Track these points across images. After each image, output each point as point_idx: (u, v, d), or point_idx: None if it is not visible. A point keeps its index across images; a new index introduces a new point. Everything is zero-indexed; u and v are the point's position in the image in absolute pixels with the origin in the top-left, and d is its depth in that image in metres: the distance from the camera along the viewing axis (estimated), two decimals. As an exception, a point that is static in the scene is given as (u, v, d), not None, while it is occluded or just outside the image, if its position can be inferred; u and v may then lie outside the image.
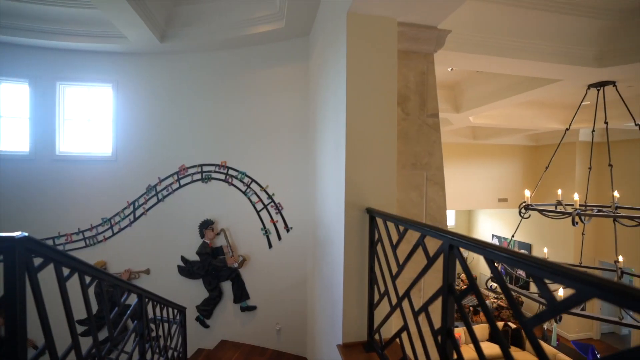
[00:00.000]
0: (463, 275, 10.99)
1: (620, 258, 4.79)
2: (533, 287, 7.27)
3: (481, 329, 7.73)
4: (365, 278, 1.91)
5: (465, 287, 1.01)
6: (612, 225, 3.96)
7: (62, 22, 3.64)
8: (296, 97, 3.80)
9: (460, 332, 7.46)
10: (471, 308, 9.02)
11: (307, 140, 3.74)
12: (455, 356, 1.09)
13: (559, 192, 4.49)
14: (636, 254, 7.46)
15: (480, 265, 11.28)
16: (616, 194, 4.04)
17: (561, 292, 3.84)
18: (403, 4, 1.82)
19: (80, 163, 4.02)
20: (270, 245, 3.95)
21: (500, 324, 7.74)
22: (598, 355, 6.72)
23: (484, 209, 9.71)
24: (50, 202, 3.95)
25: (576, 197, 4.14)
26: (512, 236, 4.97)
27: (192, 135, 4.09)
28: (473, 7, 2.41)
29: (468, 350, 6.93)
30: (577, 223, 3.85)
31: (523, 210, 4.39)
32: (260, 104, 3.93)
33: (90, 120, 4.19)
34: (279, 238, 3.91)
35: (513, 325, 7.76)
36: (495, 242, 10.77)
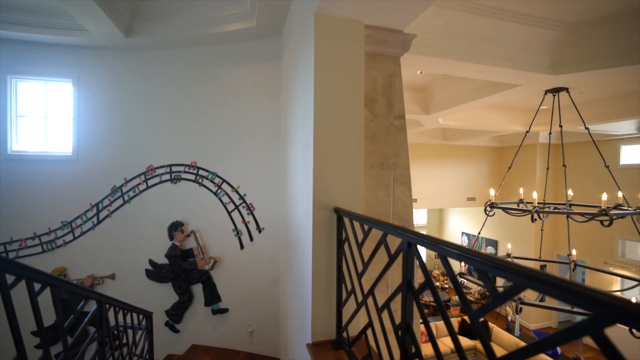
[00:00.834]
0: (435, 272, 11.36)
1: (574, 251, 5.15)
2: (499, 282, 7.64)
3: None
4: (333, 277, 1.94)
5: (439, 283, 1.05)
6: (572, 222, 4.23)
7: (15, 10, 3.40)
8: (268, 97, 3.77)
9: (432, 326, 7.69)
10: (445, 303, 9.32)
11: (279, 141, 3.73)
12: (414, 350, 1.13)
13: (521, 191, 4.75)
14: (589, 247, 8.04)
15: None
16: (570, 192, 4.34)
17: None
18: (369, 7, 1.86)
19: (36, 163, 3.77)
20: (242, 247, 3.90)
21: (467, 317, 8.06)
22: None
23: (453, 207, 10.09)
24: (1, 205, 3.68)
25: (535, 195, 4.40)
26: (479, 233, 5.20)
27: (161, 135, 3.96)
28: (437, 13, 2.51)
29: (439, 344, 7.16)
30: (535, 220, 4.09)
31: (488, 209, 4.62)
32: (232, 104, 3.87)
33: (48, 117, 3.94)
34: (251, 239, 3.87)
35: (481, 319, 8.11)
36: (465, 239, 11.23)
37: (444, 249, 0.92)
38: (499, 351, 7.22)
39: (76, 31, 3.51)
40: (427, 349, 6.92)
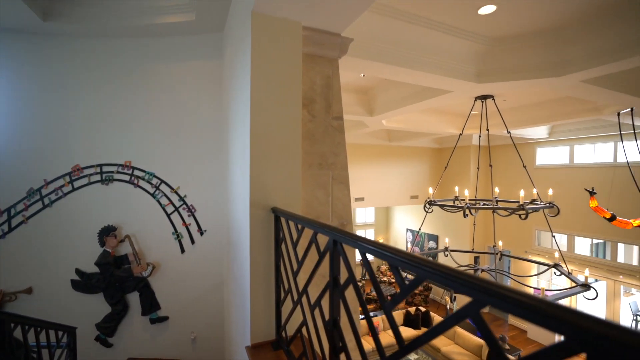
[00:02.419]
0: (383, 267, 11.87)
1: (500, 243, 5.72)
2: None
3: (396, 315, 8.45)
4: (272, 277, 1.93)
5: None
6: (497, 216, 4.69)
7: None
8: (209, 95, 3.63)
9: (378, 320, 8.04)
10: (389, 297, 9.79)
11: (220, 140, 3.61)
12: (340, 344, 1.16)
13: (456, 189, 5.17)
14: (513, 239, 9.01)
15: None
16: (497, 190, 4.83)
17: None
18: (306, 8, 1.88)
19: None
20: (182, 250, 3.70)
21: (412, 309, 8.58)
22: (486, 327, 7.91)
23: (398, 205, 10.64)
24: None
25: (466, 193, 4.82)
26: (419, 229, 5.54)
27: (89, 132, 3.59)
28: (374, 19, 2.63)
29: (385, 336, 7.51)
30: (467, 215, 4.49)
31: (427, 206, 4.96)
32: (171, 101, 3.65)
33: (-58, 108, 3.36)
34: (192, 242, 3.70)
35: (423, 309, 8.68)
36: (410, 235, 11.90)
37: (362, 246, 0.96)
38: (438, 338, 7.77)
39: (-21, 10, 3.04)
40: (385, 339, 7.21)
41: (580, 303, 8.21)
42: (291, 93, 1.91)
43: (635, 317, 8.48)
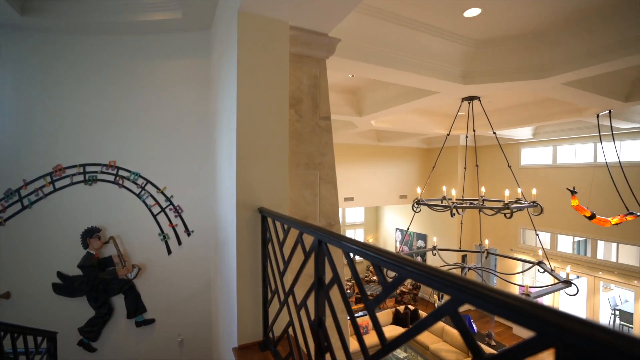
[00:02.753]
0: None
1: (487, 241, 5.83)
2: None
3: (385, 314, 8.52)
4: (259, 278, 1.92)
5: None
6: (483, 215, 4.78)
7: None
8: (197, 93, 3.59)
9: (367, 319, 8.09)
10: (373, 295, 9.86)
11: (208, 139, 3.57)
12: (325, 344, 1.17)
13: (444, 188, 5.24)
14: (499, 237, 9.19)
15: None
16: (483, 189, 4.92)
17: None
18: (293, 8, 1.88)
19: None
20: (169, 251, 3.65)
21: (401, 308, 8.66)
22: (472, 322, 8.08)
23: (388, 205, 10.73)
24: None
25: (453, 192, 4.90)
26: (408, 228, 5.60)
27: (72, 131, 3.50)
28: (361, 20, 2.64)
29: (374, 336, 7.56)
30: (454, 214, 4.56)
31: (415, 206, 5.01)
32: (157, 99, 3.59)
33: None
34: (179, 243, 3.65)
35: (412, 308, 8.77)
36: (399, 234, 12.01)
37: (346, 246, 0.97)
38: (426, 335, 7.87)
39: (-47, 4, 2.93)
40: (371, 339, 7.26)
41: (563, 299, 8.44)
42: (278, 93, 1.91)
43: (613, 312, 8.78)
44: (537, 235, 5.02)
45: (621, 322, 8.46)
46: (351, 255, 0.99)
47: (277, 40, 1.94)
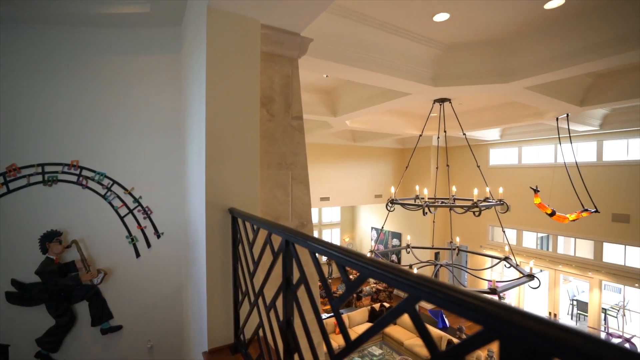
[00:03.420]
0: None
1: (457, 239, 6.03)
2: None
3: (362, 312, 8.63)
4: (230, 280, 1.88)
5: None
6: (454, 213, 4.95)
7: None
8: (167, 91, 3.47)
9: (344, 318, 8.16)
10: (354, 295, 9.97)
11: (178, 138, 3.46)
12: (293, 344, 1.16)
13: (417, 188, 5.38)
14: (469, 234, 9.56)
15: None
16: (454, 188, 5.09)
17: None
18: (264, 6, 1.86)
19: None
20: (137, 255, 3.50)
21: (377, 305, 8.81)
22: (445, 317, 8.35)
23: (363, 204, 10.87)
24: None
25: (425, 191, 5.03)
26: (382, 227, 5.70)
27: (29, 128, 3.27)
28: (335, 21, 2.66)
29: (351, 334, 7.64)
30: (426, 213, 4.69)
31: (389, 205, 5.11)
32: (125, 96, 3.43)
33: None
34: (148, 245, 3.51)
35: (387, 305, 8.94)
36: (374, 233, 12.20)
37: (311, 246, 0.97)
38: (401, 332, 8.05)
39: None
40: (352, 336, 7.29)
41: (527, 292, 8.91)
42: (249, 91, 1.88)
43: (572, 302, 9.38)
44: (504, 232, 5.26)
45: (578, 312, 9.06)
46: (317, 255, 0.99)
47: (248, 39, 1.92)
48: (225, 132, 1.80)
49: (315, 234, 13.02)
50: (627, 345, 6.54)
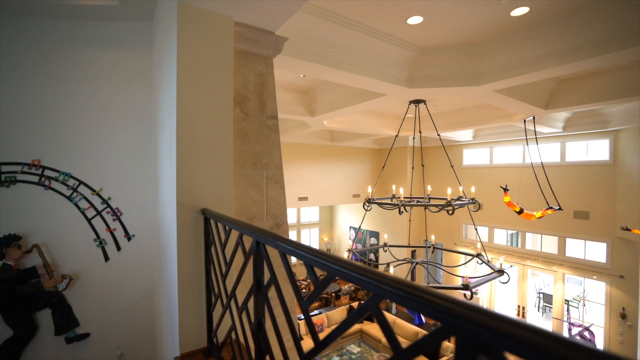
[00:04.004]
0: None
1: (433, 237, 6.19)
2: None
3: (340, 311, 8.69)
4: (202, 282, 1.84)
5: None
6: (429, 212, 5.07)
7: None
8: (137, 88, 3.33)
9: (323, 317, 8.19)
10: (333, 294, 10.02)
11: (149, 137, 3.34)
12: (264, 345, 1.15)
13: (393, 187, 5.47)
14: (444, 232, 9.84)
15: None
16: (429, 188, 5.22)
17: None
18: (237, 3, 1.83)
19: None
20: (106, 258, 3.35)
21: (355, 304, 8.89)
22: (422, 315, 8.56)
23: (341, 204, 10.94)
24: None
25: (401, 191, 5.13)
26: (359, 227, 5.76)
27: (-16, 125, 3.06)
28: (310, 21, 2.66)
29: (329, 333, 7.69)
30: (402, 212, 4.79)
31: (366, 204, 5.17)
32: (91, 92, 3.27)
33: None
34: (118, 248, 3.37)
35: (365, 303, 9.05)
36: (352, 232, 12.32)
37: (281, 246, 0.96)
38: (379, 329, 8.17)
39: None
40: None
41: (498, 287, 9.29)
42: (222, 90, 1.84)
43: (538, 295, 9.89)
44: (476, 229, 5.45)
45: (544, 304, 9.56)
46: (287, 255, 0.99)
47: (221, 36, 1.88)
48: (197, 130, 1.75)
49: (294, 234, 12.96)
50: (586, 333, 6.96)
